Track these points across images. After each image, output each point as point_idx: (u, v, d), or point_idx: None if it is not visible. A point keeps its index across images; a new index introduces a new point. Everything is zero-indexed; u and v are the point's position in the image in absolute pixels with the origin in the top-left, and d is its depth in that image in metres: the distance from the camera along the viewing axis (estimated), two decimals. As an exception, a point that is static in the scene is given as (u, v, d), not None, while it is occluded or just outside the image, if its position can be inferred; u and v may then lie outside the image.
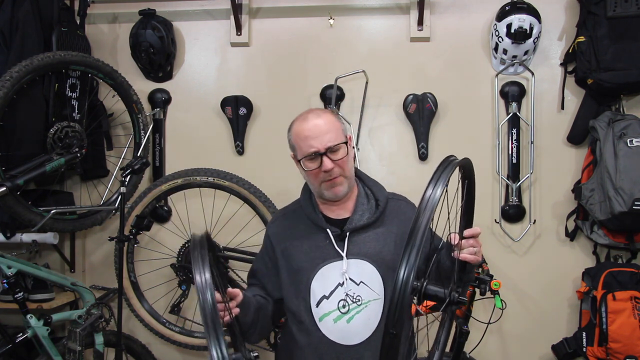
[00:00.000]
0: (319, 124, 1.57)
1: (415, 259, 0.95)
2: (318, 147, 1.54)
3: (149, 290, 2.61)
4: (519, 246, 2.58)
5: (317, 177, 1.58)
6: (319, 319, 1.57)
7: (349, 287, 1.56)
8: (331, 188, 1.58)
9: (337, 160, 1.55)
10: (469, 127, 2.62)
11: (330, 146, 1.54)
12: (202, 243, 1.14)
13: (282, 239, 1.67)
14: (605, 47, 2.34)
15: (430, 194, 1.02)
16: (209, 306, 1.01)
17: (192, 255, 1.10)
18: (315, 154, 1.55)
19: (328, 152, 1.54)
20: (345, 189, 1.60)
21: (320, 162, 1.55)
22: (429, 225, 0.98)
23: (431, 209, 0.99)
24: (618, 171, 2.26)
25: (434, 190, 1.02)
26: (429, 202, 1.01)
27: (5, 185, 1.98)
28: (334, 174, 1.56)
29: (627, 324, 2.23)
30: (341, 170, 1.57)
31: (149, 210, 2.49)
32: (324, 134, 1.55)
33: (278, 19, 2.74)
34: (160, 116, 2.77)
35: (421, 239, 0.96)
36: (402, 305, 0.93)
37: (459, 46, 2.64)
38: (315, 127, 1.56)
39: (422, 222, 0.98)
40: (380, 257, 1.58)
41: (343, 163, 1.57)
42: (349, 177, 1.60)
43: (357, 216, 1.61)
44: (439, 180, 1.04)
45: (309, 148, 1.55)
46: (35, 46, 2.29)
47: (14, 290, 2.12)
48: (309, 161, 1.57)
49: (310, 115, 1.61)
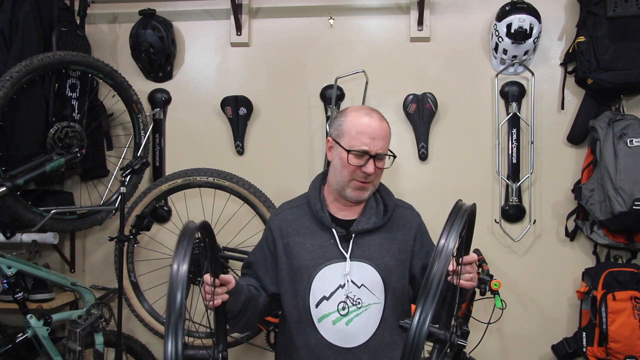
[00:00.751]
0: (381, 127, 1.56)
1: (432, 306, 0.98)
2: (371, 148, 1.54)
3: (149, 290, 2.61)
4: (519, 246, 2.58)
5: (351, 174, 1.56)
6: (317, 320, 1.56)
7: (350, 290, 1.55)
8: (358, 190, 1.58)
9: (378, 168, 1.57)
10: (469, 127, 2.62)
11: (380, 153, 1.55)
12: (191, 234, 1.16)
13: (284, 234, 1.65)
14: (605, 47, 2.34)
15: (444, 244, 1.05)
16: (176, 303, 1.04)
17: (178, 243, 1.12)
18: (364, 153, 1.54)
19: (376, 157, 1.55)
20: (367, 196, 1.61)
21: (365, 162, 1.54)
22: (444, 274, 1.01)
23: (446, 258, 1.03)
24: (618, 171, 2.26)
25: (447, 240, 1.06)
26: (443, 251, 1.04)
27: (5, 185, 1.98)
28: (369, 179, 1.57)
29: (627, 324, 2.23)
30: (374, 178, 1.58)
31: (149, 210, 2.49)
32: (380, 139, 1.55)
33: (278, 19, 2.74)
34: (160, 116, 2.77)
35: (436, 288, 0.99)
36: (416, 350, 0.96)
37: (459, 46, 2.63)
38: (376, 127, 1.56)
39: (437, 271, 1.01)
40: (383, 262, 1.58)
41: (380, 173, 1.59)
42: (375, 187, 1.63)
43: (364, 219, 1.61)
44: (452, 230, 1.08)
45: (362, 145, 1.53)
46: (35, 46, 2.29)
47: (14, 290, 2.12)
48: (354, 156, 1.55)
49: (374, 114, 1.60)
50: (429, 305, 0.97)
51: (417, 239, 1.65)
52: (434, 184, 2.63)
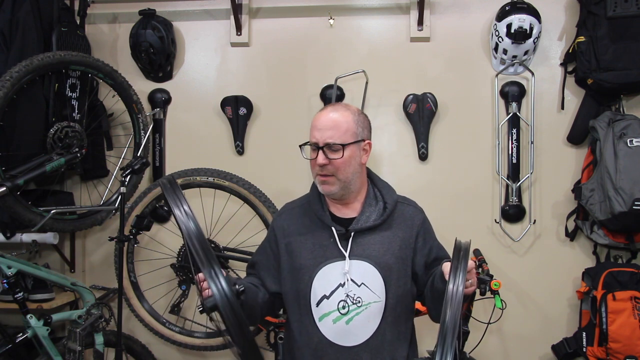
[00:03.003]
0: (329, 117, 1.56)
1: (450, 352, 1.01)
2: (318, 139, 1.55)
3: (149, 290, 2.61)
4: (519, 246, 2.58)
5: (313, 169, 1.60)
6: (318, 318, 1.57)
7: (350, 288, 1.55)
8: (322, 184, 1.58)
9: (334, 160, 1.54)
10: (469, 127, 2.62)
11: (328, 143, 1.53)
12: (171, 182, 1.21)
13: (287, 234, 1.66)
14: (605, 47, 2.34)
15: (453, 289, 1.09)
16: (195, 233, 1.06)
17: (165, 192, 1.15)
18: (314, 146, 1.56)
19: (325, 148, 1.54)
20: (335, 190, 1.57)
21: (317, 155, 1.56)
22: (460, 320, 1.04)
23: (458, 304, 1.06)
24: (618, 171, 2.26)
25: (455, 285, 1.10)
26: (454, 297, 1.08)
27: (5, 185, 1.98)
28: (326, 171, 1.55)
29: (627, 324, 2.23)
30: (335, 170, 1.55)
31: (149, 210, 2.49)
32: (327, 129, 1.54)
33: (278, 19, 2.74)
34: (160, 116, 2.77)
35: (452, 335, 1.02)
36: None
37: (459, 46, 2.63)
38: (324, 119, 1.56)
39: (451, 317, 1.04)
40: (383, 260, 1.57)
41: (339, 164, 1.54)
42: (342, 180, 1.56)
43: (363, 217, 1.61)
44: (457, 274, 1.12)
45: (312, 137, 1.57)
46: (35, 46, 2.29)
47: (14, 290, 2.12)
48: (310, 150, 1.59)
49: (329, 107, 1.61)
50: (448, 349, 1.00)
51: (419, 236, 1.64)
52: (434, 184, 2.63)
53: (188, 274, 2.47)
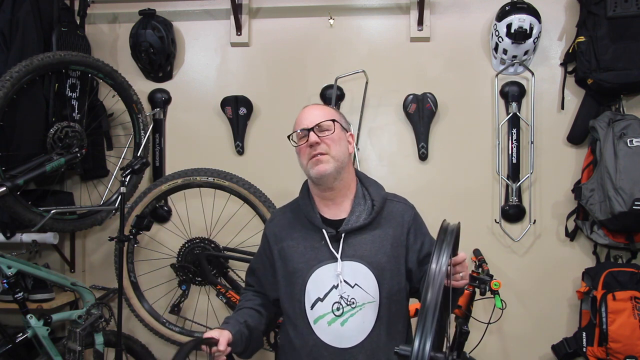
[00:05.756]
0: (313, 108, 1.65)
1: (430, 333, 0.98)
2: (307, 124, 1.59)
3: (149, 290, 2.61)
4: (519, 246, 2.58)
5: (304, 155, 1.60)
6: (313, 321, 1.56)
7: (343, 290, 1.55)
8: (316, 165, 1.56)
9: (325, 137, 1.57)
10: (469, 127, 2.62)
11: (318, 122, 1.58)
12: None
13: (279, 239, 1.66)
14: (605, 47, 2.34)
15: (436, 269, 1.08)
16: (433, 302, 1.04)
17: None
18: (303, 131, 1.59)
19: (316, 128, 1.57)
20: (330, 169, 1.56)
21: (307, 138, 1.58)
22: (439, 299, 1.02)
23: (440, 284, 1.05)
24: (618, 171, 2.26)
25: (438, 264, 1.08)
26: (436, 277, 1.06)
27: (5, 185, 1.98)
28: (320, 149, 1.56)
29: (627, 324, 2.23)
30: (327, 147, 1.57)
31: (149, 210, 2.49)
32: (314, 116, 1.61)
33: (278, 19, 2.74)
34: (160, 116, 2.77)
35: (433, 314, 1.00)
36: None
37: (459, 46, 2.64)
38: (309, 112, 1.63)
39: (433, 297, 1.03)
40: (375, 260, 1.57)
41: (330, 140, 1.58)
42: (336, 158, 1.57)
43: (353, 217, 1.60)
44: (441, 254, 1.10)
45: (299, 127, 1.61)
46: (35, 46, 2.29)
47: (14, 290, 2.12)
48: (298, 138, 1.62)
49: (311, 104, 1.69)
50: (428, 331, 0.97)
51: (410, 233, 1.63)
52: (434, 184, 2.63)
53: (188, 274, 2.47)
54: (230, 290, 2.41)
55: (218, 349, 1.45)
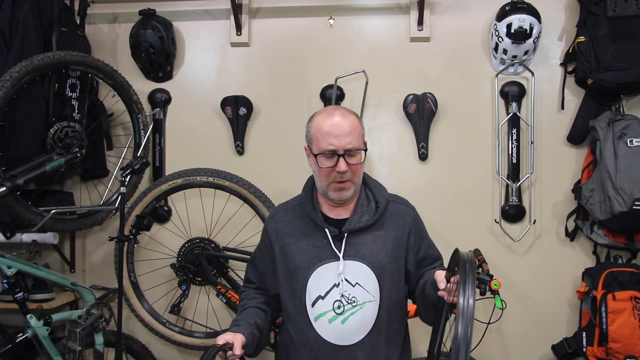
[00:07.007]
0: (343, 124, 1.53)
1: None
2: (337, 146, 1.51)
3: (149, 290, 2.61)
4: (519, 246, 2.58)
5: (327, 177, 1.55)
6: (314, 319, 1.57)
7: (345, 288, 1.56)
8: (338, 191, 1.56)
9: (352, 165, 1.54)
10: (469, 127, 2.62)
11: (349, 149, 1.52)
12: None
13: (280, 236, 1.66)
14: (605, 47, 2.34)
15: (464, 303, 1.09)
16: None
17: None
18: (332, 153, 1.52)
19: (346, 154, 1.52)
20: (350, 195, 1.58)
21: (336, 162, 1.52)
22: (472, 336, 1.04)
23: (469, 318, 1.07)
24: (618, 171, 2.26)
25: (465, 299, 1.09)
26: (465, 312, 1.08)
27: (5, 185, 1.98)
28: (345, 177, 1.54)
29: (627, 324, 2.23)
30: (352, 175, 1.55)
31: (149, 210, 2.49)
32: (345, 135, 1.52)
33: (278, 19, 2.74)
34: (160, 116, 2.77)
35: (466, 351, 1.03)
36: None
37: (459, 46, 2.63)
38: (338, 126, 1.53)
39: (464, 333, 1.05)
40: (377, 260, 1.58)
41: (356, 169, 1.55)
42: (357, 184, 1.59)
43: (356, 217, 1.61)
44: (466, 288, 1.11)
45: (328, 145, 1.52)
46: (35, 46, 2.29)
47: (14, 290, 2.12)
48: (325, 158, 1.54)
49: (336, 112, 1.57)
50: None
51: (411, 234, 1.64)
52: (434, 184, 2.63)
53: (188, 274, 2.47)
54: (230, 290, 2.41)
55: (234, 353, 1.45)
